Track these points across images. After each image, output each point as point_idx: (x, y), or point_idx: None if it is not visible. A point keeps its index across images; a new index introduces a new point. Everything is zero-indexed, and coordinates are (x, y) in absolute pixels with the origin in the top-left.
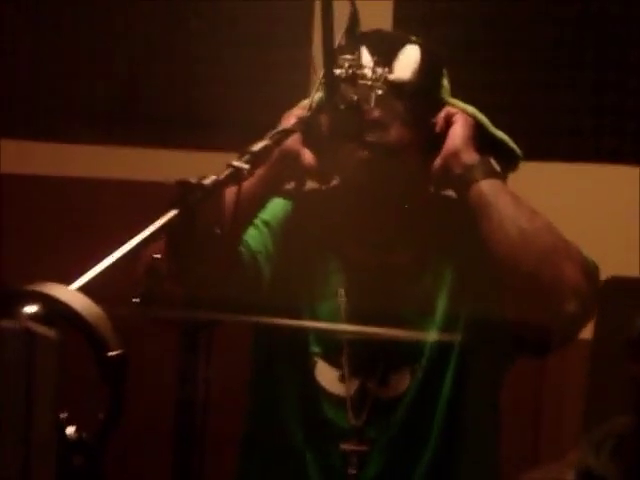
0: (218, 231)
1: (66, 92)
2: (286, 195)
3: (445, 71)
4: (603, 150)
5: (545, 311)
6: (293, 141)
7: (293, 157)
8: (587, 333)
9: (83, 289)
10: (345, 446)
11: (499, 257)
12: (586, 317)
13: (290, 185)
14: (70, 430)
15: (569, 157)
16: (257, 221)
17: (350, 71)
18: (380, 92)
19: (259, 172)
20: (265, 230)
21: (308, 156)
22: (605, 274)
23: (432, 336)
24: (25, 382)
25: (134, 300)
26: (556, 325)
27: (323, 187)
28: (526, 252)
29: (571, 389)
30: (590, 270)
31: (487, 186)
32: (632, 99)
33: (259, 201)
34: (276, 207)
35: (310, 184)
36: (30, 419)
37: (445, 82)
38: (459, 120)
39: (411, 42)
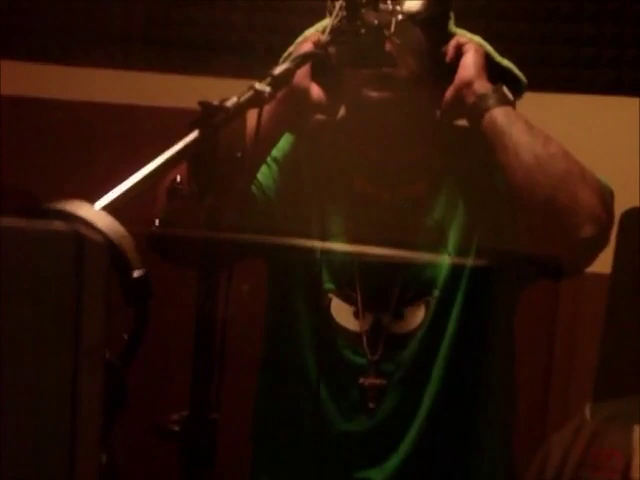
0: (239, 154)
1: (83, 16)
2: (295, 130)
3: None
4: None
5: (561, 235)
6: (300, 76)
7: (301, 92)
8: (605, 267)
9: (107, 209)
10: (363, 380)
11: (515, 183)
12: (602, 241)
13: (300, 119)
14: None
15: (570, 88)
16: (267, 158)
17: None
18: (400, 17)
19: (267, 108)
20: (274, 166)
21: (316, 90)
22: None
23: (444, 263)
24: (76, 285)
25: (156, 222)
26: (572, 249)
27: (331, 120)
28: (542, 177)
29: (586, 324)
30: (605, 195)
31: (501, 114)
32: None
33: (270, 137)
34: (285, 143)
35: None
36: (80, 326)
37: (451, 13)
38: (470, 49)
39: None
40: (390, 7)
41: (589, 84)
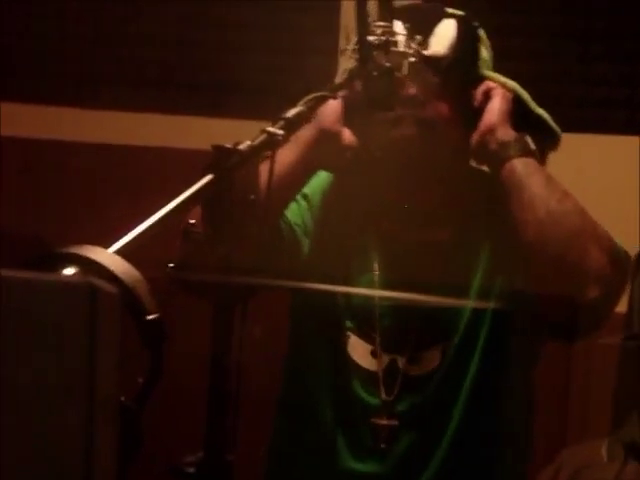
0: (252, 197)
1: (99, 58)
2: (327, 169)
3: (487, 42)
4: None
5: (569, 294)
6: (332, 118)
7: (332, 136)
8: (621, 307)
9: (120, 253)
10: (375, 420)
11: (526, 237)
12: (610, 303)
13: (330, 161)
14: None
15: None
16: (297, 195)
17: (383, 38)
18: (413, 59)
19: (299, 149)
20: (304, 204)
21: (347, 134)
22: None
23: (465, 307)
24: (89, 338)
25: (170, 265)
26: (581, 309)
27: (362, 160)
28: (553, 234)
29: (601, 367)
30: (618, 257)
31: (520, 164)
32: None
33: (300, 179)
34: (316, 181)
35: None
36: (94, 377)
37: (485, 54)
38: (497, 94)
39: (448, 15)
40: (402, 50)
41: (600, 124)
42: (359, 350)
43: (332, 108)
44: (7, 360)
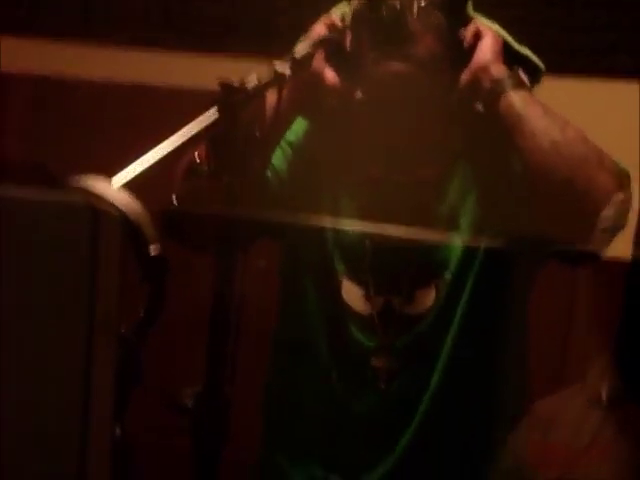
0: (258, 134)
1: None
2: (309, 114)
3: None
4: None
5: (579, 220)
6: (315, 60)
7: (315, 76)
8: (625, 252)
9: (124, 186)
10: (374, 361)
11: (531, 167)
12: (619, 225)
13: (314, 102)
14: None
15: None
16: (281, 142)
17: None
18: (423, 3)
19: (284, 91)
20: (288, 150)
21: (330, 74)
22: None
23: (456, 244)
24: (90, 258)
25: (174, 200)
26: (590, 234)
27: (344, 104)
28: (559, 162)
29: (604, 312)
30: (623, 180)
31: (517, 98)
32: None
33: (283, 120)
34: (299, 127)
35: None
36: (94, 297)
37: None
38: (487, 34)
39: None
40: None
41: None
42: (353, 293)
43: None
44: (9, 278)
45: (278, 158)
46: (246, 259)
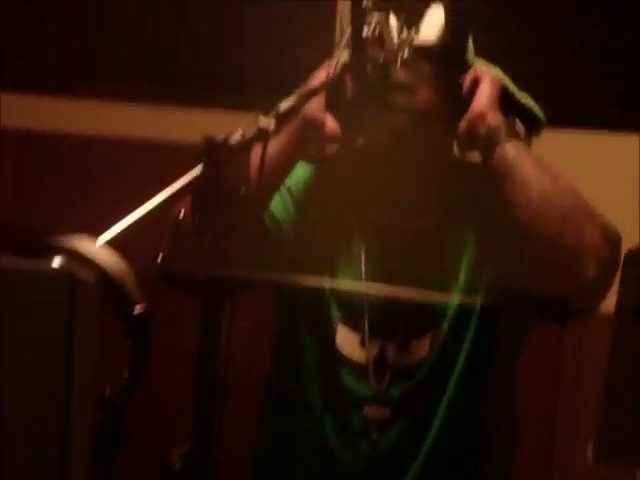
0: (243, 190)
1: (92, 48)
2: (310, 160)
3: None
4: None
5: (566, 275)
6: (316, 107)
7: (316, 124)
8: (609, 307)
9: (109, 244)
10: (367, 411)
11: (521, 219)
12: (607, 282)
13: (314, 150)
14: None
15: (593, 125)
16: (281, 189)
17: (377, 32)
18: (407, 54)
19: (283, 139)
20: (288, 197)
21: (331, 122)
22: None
23: (453, 299)
24: (67, 324)
25: (159, 257)
26: (577, 290)
27: (346, 151)
28: (548, 215)
29: (591, 367)
30: (612, 236)
31: (511, 148)
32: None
33: (283, 168)
34: (299, 173)
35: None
36: (71, 365)
37: (470, 43)
38: (486, 81)
39: (437, 2)
40: (396, 44)
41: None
42: (348, 340)
43: (316, 98)
44: None
45: (277, 205)
46: (234, 313)
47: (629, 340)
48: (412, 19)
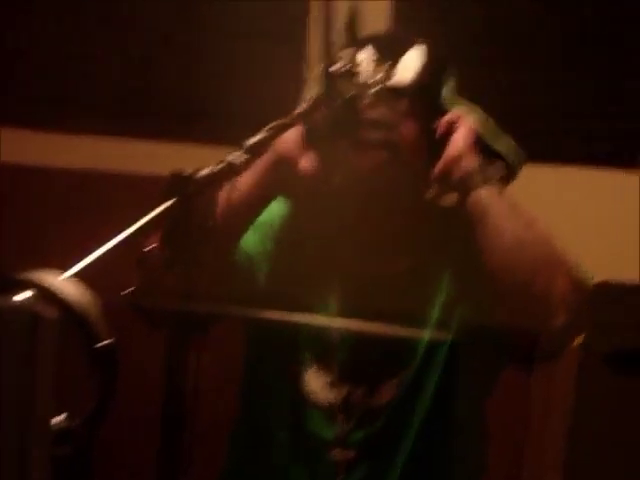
0: (211, 224)
1: (69, 82)
2: (285, 195)
3: (453, 70)
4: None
5: (533, 322)
6: (290, 145)
7: (290, 159)
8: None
9: (76, 277)
10: (333, 453)
11: (492, 264)
12: (574, 332)
13: (288, 187)
14: (59, 419)
15: (573, 160)
16: (256, 223)
17: (346, 67)
18: (378, 88)
19: (257, 174)
20: (263, 231)
21: (305, 160)
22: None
23: (423, 337)
24: (27, 360)
25: (127, 290)
26: (544, 337)
27: (322, 187)
28: (519, 262)
29: (560, 399)
30: (583, 285)
31: (485, 193)
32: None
33: (257, 202)
34: (275, 209)
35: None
36: (31, 402)
37: (451, 82)
38: (462, 125)
39: (413, 44)
40: (367, 77)
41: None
42: (316, 381)
43: (290, 134)
44: None
45: (251, 240)
46: (201, 348)
47: (594, 382)
48: (388, 60)
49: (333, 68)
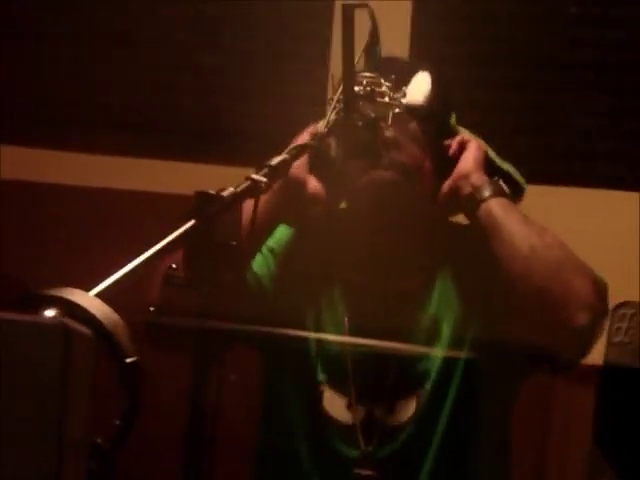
0: (234, 243)
1: (84, 102)
2: (291, 221)
3: (458, 96)
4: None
5: (556, 324)
6: (298, 168)
7: (298, 185)
8: (597, 359)
9: (101, 296)
10: (357, 472)
11: (510, 273)
12: (596, 331)
13: (296, 211)
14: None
15: (576, 182)
16: (262, 248)
17: (369, 89)
18: (398, 110)
19: (264, 198)
20: (270, 255)
21: (313, 183)
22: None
23: (437, 355)
24: (62, 377)
25: (150, 309)
26: (567, 340)
27: (329, 212)
28: (537, 267)
29: (580, 417)
30: (600, 286)
31: (496, 204)
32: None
33: (264, 227)
34: (281, 233)
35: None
36: (65, 417)
37: (453, 117)
38: (472, 145)
39: (424, 69)
40: (387, 100)
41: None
42: (334, 403)
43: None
44: None
45: (259, 264)
46: (222, 368)
47: (613, 394)
48: (400, 82)
49: (355, 89)
